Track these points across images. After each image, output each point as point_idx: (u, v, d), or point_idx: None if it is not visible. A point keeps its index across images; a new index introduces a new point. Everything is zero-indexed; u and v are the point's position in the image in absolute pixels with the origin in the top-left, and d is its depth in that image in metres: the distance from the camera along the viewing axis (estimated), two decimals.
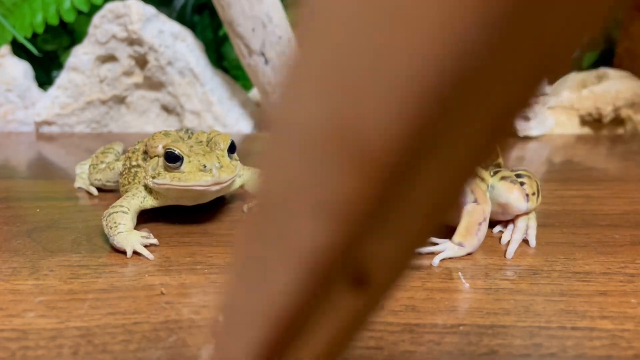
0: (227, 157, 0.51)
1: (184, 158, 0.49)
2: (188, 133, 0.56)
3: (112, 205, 0.50)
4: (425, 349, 0.33)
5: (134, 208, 0.51)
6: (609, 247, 0.49)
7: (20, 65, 1.13)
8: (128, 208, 0.50)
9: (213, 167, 0.48)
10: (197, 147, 0.51)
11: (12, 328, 0.35)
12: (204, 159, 0.49)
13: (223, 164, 0.49)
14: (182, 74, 1.11)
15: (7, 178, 0.75)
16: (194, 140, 0.53)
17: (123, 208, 0.50)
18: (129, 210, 0.50)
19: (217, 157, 0.49)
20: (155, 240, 0.49)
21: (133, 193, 0.52)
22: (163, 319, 0.36)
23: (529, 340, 0.34)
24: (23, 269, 0.44)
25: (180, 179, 0.48)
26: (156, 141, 0.53)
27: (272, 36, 1.05)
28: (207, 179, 0.48)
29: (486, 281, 0.42)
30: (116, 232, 0.47)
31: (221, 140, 0.51)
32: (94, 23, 1.07)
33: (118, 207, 0.50)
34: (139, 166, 0.55)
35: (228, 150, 0.51)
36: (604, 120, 1.15)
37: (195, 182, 0.48)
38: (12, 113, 1.12)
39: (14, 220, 0.55)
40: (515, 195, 0.50)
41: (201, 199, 0.53)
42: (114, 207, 0.50)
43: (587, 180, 0.76)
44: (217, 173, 0.48)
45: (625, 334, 0.35)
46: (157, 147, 0.52)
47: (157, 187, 0.51)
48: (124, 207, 0.50)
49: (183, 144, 0.50)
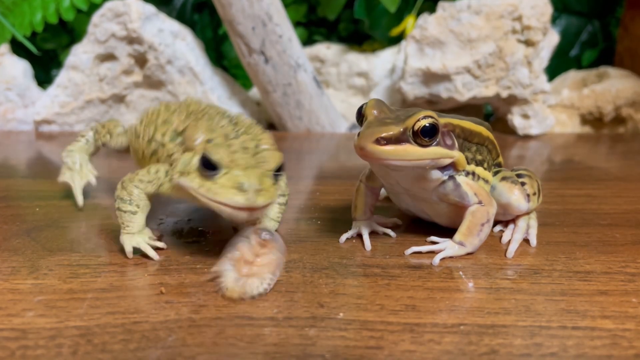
0: (271, 179, 0.42)
1: (221, 171, 0.41)
2: (233, 124, 0.47)
3: (122, 188, 0.46)
4: (426, 348, 0.33)
5: (144, 201, 0.47)
6: (610, 246, 0.49)
7: (19, 64, 1.13)
8: (138, 205, 0.46)
9: (251, 188, 0.39)
10: (241, 155, 0.42)
11: (12, 327, 0.35)
12: (244, 176, 0.40)
13: (264, 186, 0.40)
14: (181, 73, 1.11)
15: (7, 177, 0.75)
16: (240, 143, 0.43)
17: (132, 207, 0.46)
18: (139, 209, 0.46)
19: (258, 177, 0.40)
20: (162, 244, 0.47)
21: (149, 179, 0.46)
22: (163, 319, 0.36)
23: (529, 339, 0.34)
24: (22, 268, 0.43)
25: (210, 190, 0.41)
26: (197, 133, 0.44)
27: (272, 35, 1.04)
28: (239, 200, 0.39)
29: (487, 280, 0.42)
30: (124, 232, 0.46)
31: (271, 158, 0.42)
32: (93, 22, 1.07)
33: (127, 202, 0.46)
34: (163, 145, 0.48)
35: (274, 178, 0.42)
36: (604, 119, 1.15)
37: (225, 200, 0.40)
38: (12, 112, 1.12)
39: (13, 219, 0.55)
40: (516, 196, 0.50)
41: (231, 217, 0.43)
42: (123, 200, 0.46)
43: (587, 179, 0.76)
44: (253, 197, 0.39)
45: (626, 333, 0.35)
46: (196, 140, 0.43)
47: (181, 186, 0.44)
48: (132, 206, 0.46)
49: (226, 150, 0.41)
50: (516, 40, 1.03)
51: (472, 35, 1.01)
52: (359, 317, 0.36)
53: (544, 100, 1.09)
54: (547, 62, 1.06)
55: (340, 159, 0.93)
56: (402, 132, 0.41)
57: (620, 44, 1.33)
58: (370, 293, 0.40)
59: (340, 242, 0.50)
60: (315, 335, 0.34)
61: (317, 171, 0.83)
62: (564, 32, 1.33)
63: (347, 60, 1.22)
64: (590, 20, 1.37)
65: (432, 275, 0.43)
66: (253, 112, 1.18)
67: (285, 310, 0.37)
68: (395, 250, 0.48)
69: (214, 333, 0.35)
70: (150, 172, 0.47)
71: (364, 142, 0.41)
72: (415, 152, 0.42)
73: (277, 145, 0.45)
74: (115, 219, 0.47)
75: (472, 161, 0.48)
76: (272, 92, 1.09)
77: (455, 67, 1.02)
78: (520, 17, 1.01)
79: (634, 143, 1.06)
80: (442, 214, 0.49)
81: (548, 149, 1.02)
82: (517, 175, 0.52)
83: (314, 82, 1.10)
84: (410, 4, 1.23)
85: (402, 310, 0.38)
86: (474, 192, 0.46)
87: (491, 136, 0.51)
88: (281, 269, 0.42)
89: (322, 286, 0.41)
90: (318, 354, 0.32)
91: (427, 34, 1.03)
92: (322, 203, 0.63)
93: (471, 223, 0.46)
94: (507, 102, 1.09)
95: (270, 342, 0.33)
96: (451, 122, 0.45)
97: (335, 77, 1.25)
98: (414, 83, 1.07)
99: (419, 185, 0.46)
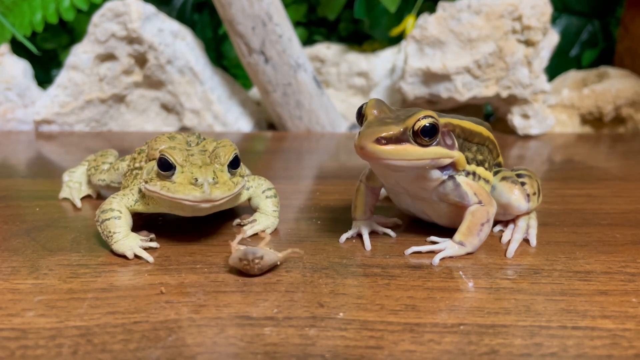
0: (227, 173, 0.46)
1: (176, 167, 0.45)
2: (199, 139, 0.53)
3: (102, 205, 0.48)
4: (426, 348, 0.33)
5: (125, 209, 0.49)
6: (610, 246, 0.49)
7: (19, 64, 1.13)
8: (120, 211, 0.48)
9: (205, 182, 0.44)
10: (198, 156, 0.47)
11: (12, 327, 0.35)
12: (198, 172, 0.44)
13: (219, 180, 0.45)
14: (181, 73, 1.11)
15: (7, 177, 0.75)
16: (199, 149, 0.49)
17: (114, 212, 0.47)
18: (121, 214, 0.48)
19: (213, 172, 0.45)
20: (155, 244, 0.48)
21: (124, 193, 0.50)
22: (163, 318, 0.36)
23: (529, 339, 0.34)
24: (22, 268, 0.43)
25: (170, 190, 0.45)
26: (158, 144, 0.50)
27: (272, 35, 1.04)
28: (196, 194, 0.44)
29: (487, 280, 0.42)
30: (113, 242, 0.46)
31: (223, 153, 0.47)
32: (93, 22, 1.07)
33: (109, 210, 0.47)
34: (140, 168, 0.52)
35: (230, 165, 0.47)
36: (604, 119, 1.15)
37: (183, 196, 0.44)
38: (12, 112, 1.12)
39: (13, 219, 0.55)
40: (516, 196, 0.50)
41: (195, 212, 0.48)
42: (104, 210, 0.47)
43: (587, 179, 0.76)
44: (208, 189, 0.44)
45: (626, 333, 0.35)
46: (157, 149, 0.48)
47: (147, 193, 0.47)
48: (114, 211, 0.47)
49: (180, 152, 0.46)
50: (516, 40, 1.03)
51: (472, 35, 1.01)
52: (359, 317, 0.36)
53: (544, 100, 1.09)
54: (547, 62, 1.06)
55: (340, 158, 0.93)
56: (402, 132, 0.41)
57: (620, 44, 1.33)
58: (370, 293, 0.40)
59: (340, 242, 0.50)
60: (315, 335, 0.34)
61: (317, 171, 0.83)
62: (564, 32, 1.33)
63: (347, 60, 1.22)
64: (590, 20, 1.37)
65: (432, 275, 0.43)
66: (253, 112, 1.18)
67: (285, 310, 0.37)
68: (395, 250, 0.48)
69: (214, 333, 0.35)
70: (119, 194, 0.50)
71: (364, 141, 0.41)
72: (415, 151, 0.42)
73: (277, 145, 0.45)
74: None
75: (472, 161, 0.48)
76: (272, 92, 1.09)
77: (455, 67, 1.02)
78: (521, 17, 1.01)
79: (634, 143, 1.06)
80: (442, 214, 0.49)
81: (548, 148, 1.02)
82: (517, 175, 0.52)
83: (314, 82, 1.10)
84: (410, 4, 1.23)
85: (402, 310, 0.38)
86: (474, 192, 0.46)
87: (491, 136, 0.51)
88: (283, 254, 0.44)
89: (322, 286, 0.41)
90: (318, 354, 0.32)
91: (427, 34, 1.03)
92: (322, 203, 0.63)
93: (471, 223, 0.46)
94: (507, 102, 1.09)
95: (270, 342, 0.33)
96: (451, 122, 0.45)
97: (335, 77, 1.25)
98: (414, 83, 1.07)
99: (418, 185, 0.46)
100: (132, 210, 0.50)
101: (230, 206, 0.53)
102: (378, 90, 1.19)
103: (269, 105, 1.12)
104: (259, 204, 0.54)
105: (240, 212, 0.57)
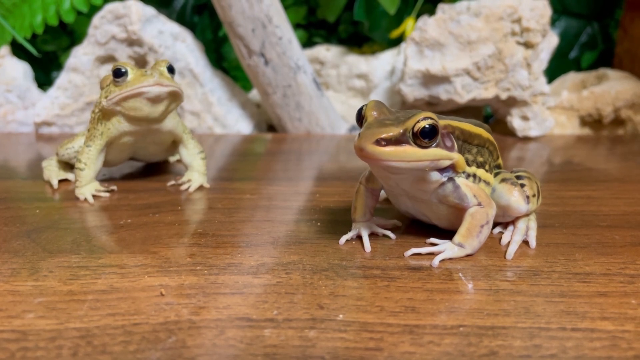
0: (167, 74, 0.61)
1: (128, 70, 0.60)
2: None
3: (77, 155, 0.65)
4: (425, 350, 0.33)
5: (91, 161, 0.63)
6: (609, 247, 0.49)
7: (19, 66, 1.13)
8: (85, 163, 0.63)
9: (155, 72, 0.59)
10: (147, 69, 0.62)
11: (12, 329, 0.35)
12: (147, 70, 0.60)
13: (163, 75, 0.60)
14: (181, 75, 1.11)
15: (7, 179, 0.75)
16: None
17: (80, 164, 0.63)
18: (86, 166, 0.63)
19: (159, 71, 0.60)
20: (108, 192, 0.64)
21: (89, 136, 0.64)
22: (162, 320, 0.36)
23: (529, 341, 0.34)
24: (22, 270, 0.44)
25: (127, 86, 0.59)
26: (107, 76, 0.64)
27: (272, 37, 1.05)
28: (150, 80, 0.59)
29: (486, 282, 0.42)
30: (76, 188, 0.63)
31: (162, 62, 0.63)
32: (93, 24, 1.07)
33: (78, 162, 0.63)
34: (100, 110, 0.63)
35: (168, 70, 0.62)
36: (604, 120, 1.15)
37: (139, 84, 0.58)
38: (12, 113, 1.12)
39: (13, 220, 0.55)
40: (516, 197, 0.50)
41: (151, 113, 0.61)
42: (78, 160, 0.63)
43: (587, 181, 0.76)
44: (157, 76, 0.59)
45: (625, 335, 0.35)
46: (108, 78, 0.63)
47: (109, 106, 0.60)
48: (81, 163, 0.63)
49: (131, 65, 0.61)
50: (515, 42, 1.03)
51: (471, 37, 1.02)
52: (359, 319, 0.36)
53: (544, 102, 1.09)
54: (546, 64, 1.07)
55: (340, 160, 0.93)
56: (401, 134, 0.41)
57: (619, 46, 1.34)
58: (370, 294, 0.40)
59: (340, 244, 0.50)
60: (315, 336, 0.34)
61: (317, 173, 0.83)
62: (563, 34, 1.33)
63: (347, 62, 1.23)
64: (590, 22, 1.37)
65: (431, 277, 0.43)
66: (253, 113, 1.18)
67: (285, 312, 0.37)
68: (395, 251, 0.48)
69: (213, 334, 0.35)
70: (89, 133, 0.65)
71: (363, 143, 0.41)
72: (414, 153, 0.42)
73: (277, 147, 0.45)
74: (116, 219, 0.47)
75: (473, 163, 0.48)
76: (272, 94, 1.09)
77: (454, 68, 1.02)
78: (520, 19, 1.01)
79: (633, 144, 1.06)
80: (441, 216, 0.49)
81: (547, 150, 1.02)
82: (517, 176, 0.52)
83: (314, 84, 1.10)
84: (410, 6, 1.23)
85: (402, 311, 0.38)
86: (474, 194, 0.46)
87: (491, 138, 0.51)
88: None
89: (322, 288, 0.41)
90: (318, 356, 0.32)
91: (426, 36, 1.03)
92: (321, 204, 0.63)
93: (470, 224, 0.46)
94: (507, 104, 1.09)
95: (270, 344, 0.33)
96: (451, 123, 0.46)
97: (335, 79, 1.25)
98: (414, 85, 1.07)
99: (418, 187, 0.46)
100: (100, 147, 0.63)
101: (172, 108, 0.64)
102: (378, 92, 1.19)
103: (269, 107, 1.12)
104: (192, 162, 0.69)
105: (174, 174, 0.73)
